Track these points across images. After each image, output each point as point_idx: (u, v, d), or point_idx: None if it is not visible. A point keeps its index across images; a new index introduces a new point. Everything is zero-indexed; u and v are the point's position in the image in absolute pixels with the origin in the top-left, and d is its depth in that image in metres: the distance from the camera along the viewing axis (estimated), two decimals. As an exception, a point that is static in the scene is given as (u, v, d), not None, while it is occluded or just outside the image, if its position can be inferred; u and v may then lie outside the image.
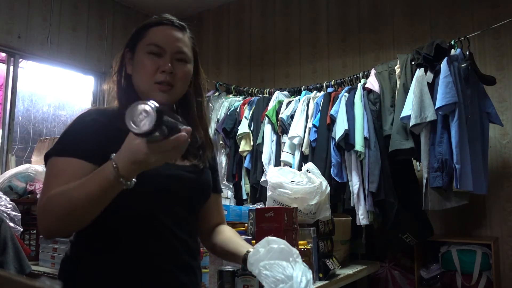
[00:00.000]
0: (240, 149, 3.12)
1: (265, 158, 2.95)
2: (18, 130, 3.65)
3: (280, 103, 3.07)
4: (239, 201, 3.13)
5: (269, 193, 2.07)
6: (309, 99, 2.94)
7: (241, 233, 1.87)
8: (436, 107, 2.37)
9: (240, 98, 3.43)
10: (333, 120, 2.67)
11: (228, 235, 1.17)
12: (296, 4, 3.96)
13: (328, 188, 2.09)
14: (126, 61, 1.08)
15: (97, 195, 0.84)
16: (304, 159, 2.79)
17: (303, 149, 2.81)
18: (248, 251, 1.03)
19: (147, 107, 0.73)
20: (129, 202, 0.91)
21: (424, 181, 2.45)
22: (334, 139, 2.62)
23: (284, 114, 2.94)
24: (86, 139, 0.96)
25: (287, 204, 1.95)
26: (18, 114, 3.57)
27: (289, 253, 0.95)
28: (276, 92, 3.23)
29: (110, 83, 1.11)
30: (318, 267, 1.93)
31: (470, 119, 2.40)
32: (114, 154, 0.83)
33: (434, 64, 2.49)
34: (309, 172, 2.15)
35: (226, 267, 1.53)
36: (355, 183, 2.54)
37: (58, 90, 4.00)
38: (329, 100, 2.80)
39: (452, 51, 2.54)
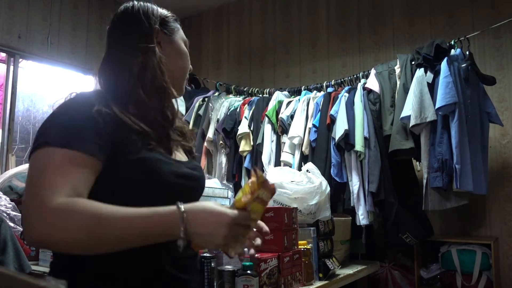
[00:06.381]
0: (240, 149, 3.11)
1: (265, 158, 2.95)
2: (18, 130, 3.65)
3: (280, 103, 3.07)
4: (239, 201, 3.12)
5: (269, 193, 2.06)
6: (309, 99, 2.94)
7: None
8: (436, 107, 2.37)
9: (240, 98, 3.43)
10: (333, 120, 2.67)
11: None
12: (296, 4, 3.96)
13: (328, 188, 2.09)
14: (157, 42, 1.01)
15: (147, 239, 0.81)
16: (304, 159, 2.79)
17: (303, 149, 2.80)
18: None
19: None
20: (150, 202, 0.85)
21: (424, 181, 2.45)
22: (334, 139, 2.62)
23: (284, 114, 2.94)
24: (96, 132, 0.87)
25: (287, 204, 1.95)
26: (18, 114, 3.56)
27: None
28: (276, 92, 3.23)
29: (145, 56, 0.97)
30: (318, 267, 1.93)
31: (470, 119, 2.40)
32: (183, 206, 0.80)
33: (434, 64, 2.49)
34: (309, 172, 2.15)
35: (226, 267, 1.53)
36: (355, 183, 2.54)
37: (59, 90, 3.99)
38: (329, 100, 2.80)
39: (452, 51, 2.55)
